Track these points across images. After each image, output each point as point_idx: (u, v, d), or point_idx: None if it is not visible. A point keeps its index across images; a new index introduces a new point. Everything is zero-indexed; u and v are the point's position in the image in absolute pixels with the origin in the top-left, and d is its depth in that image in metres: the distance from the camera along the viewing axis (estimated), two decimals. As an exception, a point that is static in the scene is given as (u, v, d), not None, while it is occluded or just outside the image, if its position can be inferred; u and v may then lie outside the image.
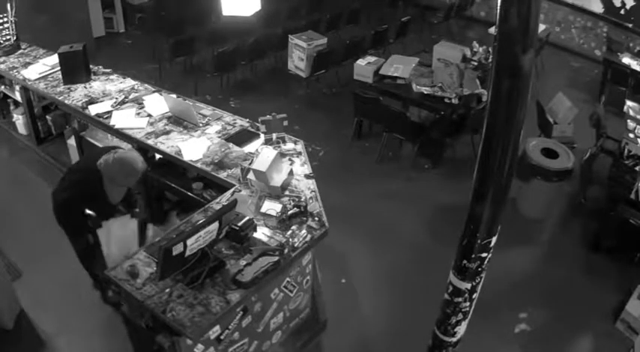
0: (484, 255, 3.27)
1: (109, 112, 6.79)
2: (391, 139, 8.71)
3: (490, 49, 9.22)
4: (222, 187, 5.65)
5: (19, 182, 7.88)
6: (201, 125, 6.54)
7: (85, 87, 7.43)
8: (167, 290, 4.25)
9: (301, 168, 5.74)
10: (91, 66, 7.74)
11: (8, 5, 8.23)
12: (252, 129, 6.45)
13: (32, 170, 8.12)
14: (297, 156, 5.92)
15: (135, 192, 5.67)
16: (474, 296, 3.51)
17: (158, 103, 6.94)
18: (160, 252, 4.02)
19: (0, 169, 8.17)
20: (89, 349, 5.56)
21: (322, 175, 6.00)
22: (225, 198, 5.30)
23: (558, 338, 5.97)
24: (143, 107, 6.93)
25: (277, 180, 5.32)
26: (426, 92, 8.57)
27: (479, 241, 3.20)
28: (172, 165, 6.32)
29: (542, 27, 11.15)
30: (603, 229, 7.11)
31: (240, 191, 5.39)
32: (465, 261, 3.31)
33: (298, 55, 10.42)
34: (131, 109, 6.87)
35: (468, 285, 3.42)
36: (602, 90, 10.83)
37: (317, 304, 5.72)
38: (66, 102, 7.10)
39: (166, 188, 6.58)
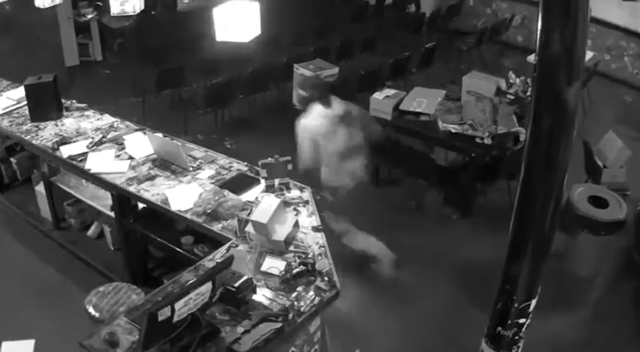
0: (522, 320, 3.28)
1: (84, 154, 6.85)
2: (413, 185, 8.74)
3: (529, 81, 9.28)
4: (215, 242, 5.69)
5: (-22, 235, 7.93)
6: (191, 169, 6.60)
7: (56, 124, 7.52)
8: (151, 362, 4.26)
9: (308, 219, 5.78)
10: (62, 100, 7.81)
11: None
12: (251, 174, 6.51)
13: (-6, 221, 8.18)
14: (304, 206, 5.97)
15: None
16: (511, 370, 3.51)
17: (141, 144, 7.01)
18: (144, 318, 4.04)
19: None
20: None
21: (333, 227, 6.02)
22: (219, 255, 5.33)
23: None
24: (124, 148, 6.99)
25: (280, 233, 5.35)
26: (453, 131, 8.59)
27: (516, 305, 3.21)
28: (158, 216, 6.36)
29: (589, 54, 11.24)
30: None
31: (237, 246, 5.42)
32: (499, 328, 3.33)
33: (305, 88, 10.51)
34: (110, 151, 6.93)
35: (504, 356, 3.43)
36: (660, 128, 10.88)
37: (327, 379, 5.71)
38: (33, 142, 7.17)
39: (150, 242, 6.60)
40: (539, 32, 2.62)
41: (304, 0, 16.83)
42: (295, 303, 4.78)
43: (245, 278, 4.79)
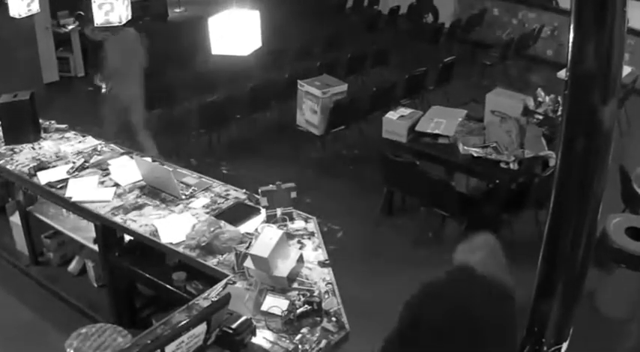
0: (552, 366, 3.28)
1: (65, 181, 6.86)
2: (431, 216, 8.75)
3: (559, 99, 9.29)
4: (211, 278, 5.68)
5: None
6: (183, 197, 6.62)
7: (33, 148, 7.56)
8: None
9: (314, 253, 5.79)
10: (40, 120, 7.86)
11: None
12: (251, 203, 6.53)
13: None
14: (309, 238, 5.99)
15: None
16: None
17: (128, 169, 7.02)
18: (131, 363, 4.05)
19: None
20: None
21: (341, 262, 6.02)
22: (215, 293, 5.34)
23: None
24: (108, 174, 7.01)
25: (283, 268, 5.35)
26: (475, 154, 8.58)
27: (545, 348, 3.21)
28: (146, 250, 6.36)
29: (627, 70, 11.26)
30: None
31: (234, 283, 5.43)
32: (528, 375, 3.33)
33: (310, 107, 10.52)
34: (93, 177, 6.95)
35: (533, 406, 3.42)
36: None
37: None
38: (8, 167, 7.20)
39: (138, 279, 6.60)
40: (570, 45, 2.62)
41: (310, 9, 16.92)
42: (299, 347, 4.77)
43: (243, 318, 4.79)
